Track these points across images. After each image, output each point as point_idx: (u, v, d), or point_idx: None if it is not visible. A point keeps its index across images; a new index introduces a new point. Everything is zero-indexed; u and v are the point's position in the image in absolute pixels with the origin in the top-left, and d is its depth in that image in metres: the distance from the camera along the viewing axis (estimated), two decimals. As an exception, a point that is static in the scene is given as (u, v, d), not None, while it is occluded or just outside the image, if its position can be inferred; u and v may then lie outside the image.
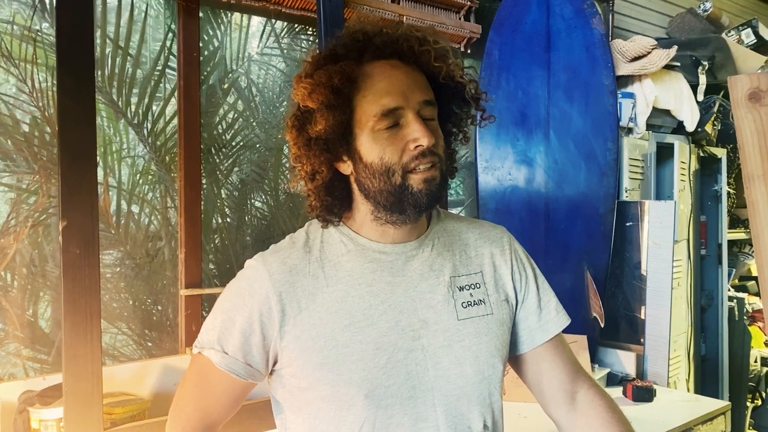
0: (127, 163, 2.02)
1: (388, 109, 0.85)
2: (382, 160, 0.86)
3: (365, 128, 0.87)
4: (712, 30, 3.14)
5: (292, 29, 2.31)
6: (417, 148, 0.86)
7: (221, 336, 0.90)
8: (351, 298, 0.89)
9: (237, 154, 2.23)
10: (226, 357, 0.89)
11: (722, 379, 2.90)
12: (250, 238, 2.26)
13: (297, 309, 0.88)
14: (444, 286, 0.93)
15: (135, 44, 1.97)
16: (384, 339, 0.87)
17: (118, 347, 1.95)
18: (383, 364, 0.86)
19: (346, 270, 0.90)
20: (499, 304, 0.96)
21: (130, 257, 1.97)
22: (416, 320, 0.90)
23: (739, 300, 3.04)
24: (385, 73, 0.87)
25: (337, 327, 0.87)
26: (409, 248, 0.93)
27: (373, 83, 0.87)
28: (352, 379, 0.86)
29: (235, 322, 0.89)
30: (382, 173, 0.86)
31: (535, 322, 1.00)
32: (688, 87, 2.58)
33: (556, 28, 2.29)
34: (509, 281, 0.99)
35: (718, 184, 2.93)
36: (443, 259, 0.95)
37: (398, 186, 0.86)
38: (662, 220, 2.18)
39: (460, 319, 0.92)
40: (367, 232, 0.93)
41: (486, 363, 0.92)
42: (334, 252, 0.92)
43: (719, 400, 2.11)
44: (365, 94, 0.87)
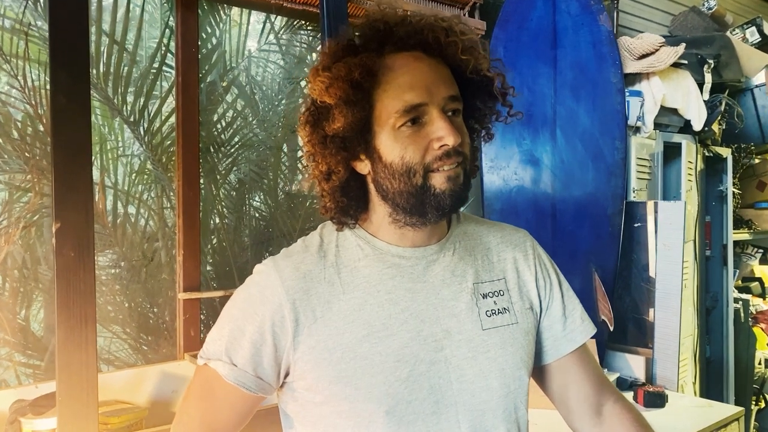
0: (122, 162, 1.97)
1: (412, 105, 0.79)
2: (403, 159, 0.80)
3: (386, 125, 0.81)
4: (716, 28, 3.10)
5: (292, 25, 2.26)
6: (442, 147, 0.80)
7: (229, 347, 0.83)
8: (369, 306, 0.83)
9: (236, 153, 2.17)
10: (235, 369, 0.83)
11: (727, 382, 2.86)
12: (248, 239, 2.21)
13: (312, 318, 0.82)
14: (467, 293, 0.87)
15: (131, 40, 1.91)
16: (405, 350, 0.82)
17: (113, 351, 1.89)
18: (405, 378, 0.81)
19: (364, 276, 0.85)
20: (523, 312, 0.91)
21: (126, 259, 1.92)
22: (439, 330, 0.84)
23: (744, 302, 3.01)
24: (408, 66, 0.81)
25: (355, 337, 0.81)
26: (430, 252, 0.88)
27: (395, 77, 0.81)
28: (371, 394, 0.80)
29: (245, 332, 0.83)
30: (402, 173, 0.80)
31: (560, 330, 0.95)
32: (695, 85, 2.54)
33: (562, 25, 2.24)
34: (533, 288, 0.93)
35: (723, 185, 2.90)
36: (465, 264, 0.89)
37: (419, 187, 0.80)
38: (672, 221, 2.13)
39: (484, 329, 0.86)
40: (385, 235, 0.87)
41: (512, 376, 0.86)
42: (351, 257, 0.86)
43: (733, 405, 2.07)
44: (386, 89, 0.80)
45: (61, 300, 1.27)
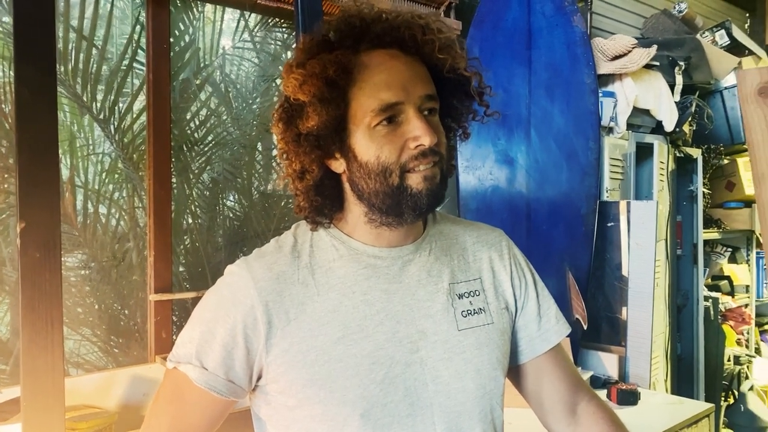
0: (92, 160, 1.92)
1: (388, 104, 0.78)
2: (378, 159, 0.79)
3: (361, 124, 0.79)
4: (686, 31, 3.16)
5: (266, 23, 2.24)
6: (418, 147, 0.79)
7: (200, 350, 0.81)
8: (344, 307, 0.81)
9: (210, 151, 2.14)
10: (206, 373, 0.80)
11: (698, 379, 2.91)
12: (222, 239, 2.18)
13: (285, 320, 0.80)
14: (443, 293, 0.86)
15: (101, 36, 1.87)
16: (380, 352, 0.81)
17: (83, 354, 1.85)
18: (380, 380, 0.80)
19: (339, 277, 0.83)
20: (499, 312, 0.91)
21: (96, 260, 1.87)
22: (414, 331, 0.83)
23: (714, 300, 3.06)
24: (385, 64, 0.80)
25: (330, 339, 0.80)
26: (406, 252, 0.87)
27: (371, 75, 0.79)
28: (346, 397, 0.78)
29: (216, 334, 0.80)
30: (378, 173, 0.79)
31: (535, 330, 0.95)
32: (667, 87, 2.58)
33: (537, 26, 2.26)
34: (509, 288, 0.93)
35: (693, 185, 2.95)
36: (441, 264, 0.89)
37: (396, 187, 0.79)
38: (644, 221, 2.16)
39: (460, 330, 0.86)
40: (361, 235, 0.86)
41: (488, 376, 0.86)
42: (325, 257, 0.85)
43: (703, 402, 2.10)
44: (362, 87, 0.79)
45: (26, 302, 1.23)
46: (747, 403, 3.15)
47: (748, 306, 3.52)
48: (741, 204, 3.34)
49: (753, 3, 4.19)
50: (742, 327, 3.44)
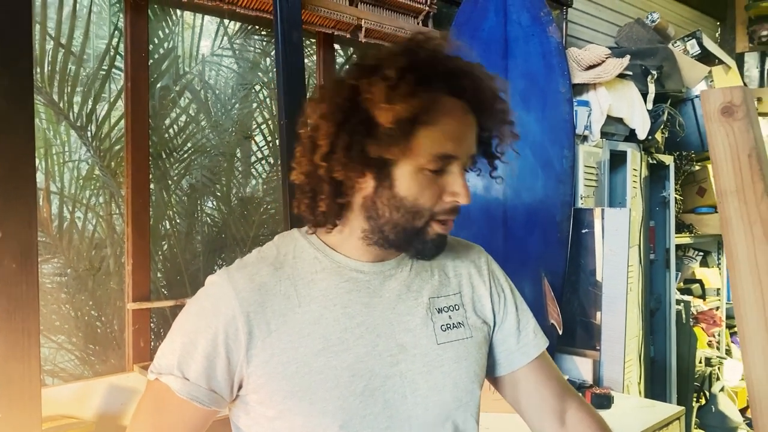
0: (69, 167, 1.91)
1: (448, 155, 0.80)
2: (416, 200, 0.80)
3: (413, 161, 0.80)
4: (659, 40, 3.23)
5: (245, 30, 2.24)
6: (453, 202, 0.82)
7: (182, 361, 0.81)
8: (325, 319, 0.82)
9: (189, 158, 2.14)
10: (188, 384, 0.81)
11: (670, 381, 2.97)
12: (200, 246, 2.17)
13: (266, 331, 0.81)
14: (422, 308, 0.88)
15: (78, 42, 1.86)
16: (360, 365, 0.82)
17: (59, 363, 1.83)
18: (360, 392, 0.81)
19: (321, 289, 0.84)
20: (477, 326, 0.93)
21: (73, 267, 1.86)
22: (394, 345, 0.85)
23: (686, 303, 3.13)
24: (458, 116, 0.82)
25: (311, 351, 0.81)
26: (387, 267, 0.88)
27: (445, 122, 0.80)
28: (326, 409, 0.80)
29: (197, 345, 0.81)
30: (409, 211, 0.81)
31: (514, 344, 0.97)
32: (639, 96, 2.64)
33: (513, 35, 2.29)
34: (488, 303, 0.95)
35: (666, 191, 3.01)
36: (421, 280, 0.91)
37: (417, 229, 0.82)
38: (617, 227, 2.21)
39: (439, 344, 0.87)
40: (347, 248, 0.87)
41: (465, 389, 0.88)
42: (307, 269, 0.85)
43: (674, 405, 2.15)
44: (432, 129, 0.79)
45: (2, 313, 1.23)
46: (718, 404, 3.22)
47: (719, 309, 3.61)
48: (712, 209, 3.43)
49: (723, 13, 4.30)
50: (713, 329, 3.52)
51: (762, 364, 0.81)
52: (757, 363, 0.81)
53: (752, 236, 0.82)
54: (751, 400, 0.82)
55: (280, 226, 2.26)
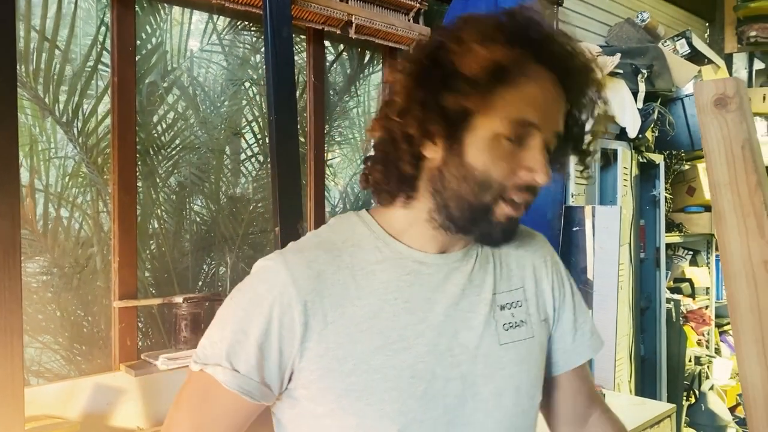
0: (55, 164, 1.88)
1: (527, 120, 0.73)
2: (486, 169, 0.73)
3: (489, 127, 0.73)
4: (649, 40, 3.24)
5: (235, 26, 2.22)
6: (528, 179, 0.74)
7: (231, 351, 0.74)
8: (385, 314, 0.76)
9: (177, 155, 2.11)
10: (238, 376, 0.74)
11: (660, 379, 2.98)
12: (189, 244, 2.15)
13: (323, 323, 0.74)
14: (485, 304, 0.81)
15: (64, 37, 1.83)
16: (421, 365, 0.75)
17: (44, 363, 1.80)
18: (420, 395, 0.75)
19: (381, 281, 0.77)
20: (539, 324, 0.85)
21: (58, 266, 1.83)
22: (456, 344, 0.78)
23: (676, 302, 3.14)
24: (545, 85, 0.75)
25: (369, 348, 0.74)
26: (453, 260, 0.81)
27: (527, 87, 0.74)
28: (383, 411, 0.73)
29: (250, 334, 0.74)
30: (477, 183, 0.73)
31: (570, 343, 0.90)
32: (630, 94, 2.64)
33: (504, 33, 2.28)
34: (550, 298, 0.88)
35: (656, 189, 3.02)
36: (485, 273, 0.82)
37: (483, 205, 0.74)
38: (608, 225, 2.21)
39: (501, 344, 0.80)
40: (410, 237, 0.80)
41: (526, 395, 0.81)
42: (367, 258, 0.78)
43: (665, 403, 2.15)
44: (512, 92, 0.73)
45: (-16, 311, 1.20)
46: (707, 403, 3.23)
47: (708, 307, 3.62)
48: (701, 208, 3.44)
49: (713, 13, 4.32)
50: (703, 328, 3.54)
51: (755, 358, 0.80)
52: (750, 357, 0.80)
53: (745, 229, 0.81)
54: (744, 393, 0.82)
55: (269, 225, 2.24)
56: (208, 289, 2.14)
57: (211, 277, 2.20)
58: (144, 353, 1.74)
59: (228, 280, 2.16)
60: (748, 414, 0.82)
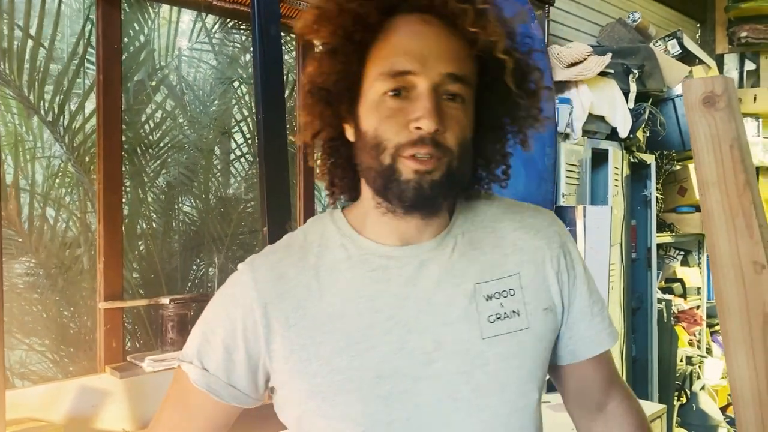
0: (41, 163, 1.85)
1: (397, 70, 0.68)
2: (376, 131, 0.69)
3: (371, 89, 0.70)
4: (640, 40, 3.24)
5: (224, 24, 2.20)
6: (417, 129, 0.67)
7: (201, 349, 0.76)
8: (349, 314, 0.73)
9: (165, 155, 2.09)
10: (206, 375, 0.75)
11: (652, 380, 2.98)
12: (177, 244, 2.13)
13: (285, 325, 0.73)
14: (465, 296, 0.74)
15: (49, 35, 1.81)
16: (387, 365, 0.72)
17: (29, 365, 1.78)
18: (385, 396, 0.71)
19: (346, 280, 0.75)
20: (538, 314, 0.77)
21: (44, 266, 1.81)
22: (429, 341, 0.73)
23: (667, 302, 3.14)
24: (413, 28, 0.70)
25: (332, 349, 0.72)
26: (424, 250, 0.75)
27: (394, 37, 0.70)
28: (347, 413, 0.72)
29: (217, 334, 0.76)
30: (372, 147, 0.69)
31: (583, 331, 0.82)
32: (621, 94, 2.64)
33: (495, 32, 2.27)
34: (555, 283, 0.79)
35: (647, 189, 3.02)
36: (468, 261, 0.76)
37: (386, 167, 0.69)
38: (599, 225, 2.20)
39: (485, 338, 0.74)
40: (372, 228, 0.76)
41: (517, 392, 0.74)
42: (333, 258, 0.76)
43: (655, 403, 2.15)
44: (381, 48, 0.70)
45: (-36, 312, 1.18)
46: (699, 403, 3.23)
47: (699, 308, 3.63)
48: (692, 209, 3.44)
49: (704, 14, 4.34)
50: (694, 328, 3.54)
51: (744, 358, 0.79)
52: (739, 358, 0.80)
53: (734, 228, 0.80)
54: (733, 393, 0.81)
55: (259, 225, 2.22)
56: (197, 289, 2.12)
57: (200, 278, 2.18)
58: (130, 355, 1.72)
59: (217, 281, 2.14)
60: (737, 414, 0.81)
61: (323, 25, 0.70)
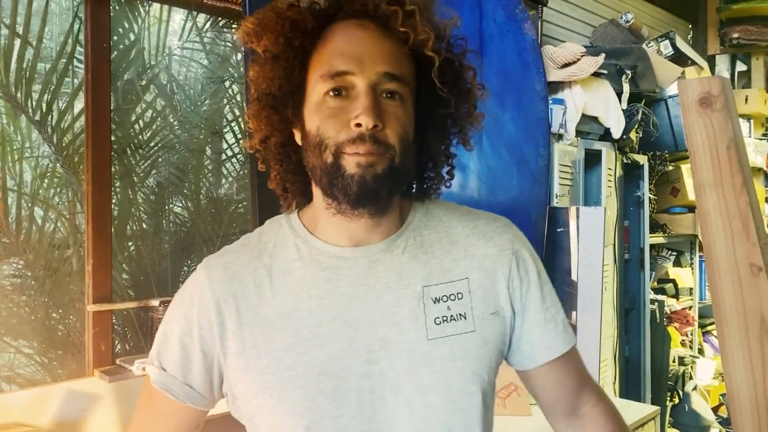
0: (29, 163, 1.83)
1: (336, 71, 0.72)
2: (318, 130, 0.73)
3: (313, 92, 0.74)
4: (633, 41, 3.24)
5: (216, 23, 2.18)
6: (357, 127, 0.71)
7: (160, 350, 0.80)
8: (299, 312, 0.76)
9: (155, 155, 2.07)
10: (163, 374, 0.79)
11: (644, 380, 2.98)
12: (168, 245, 2.11)
13: (238, 323, 0.77)
14: (413, 298, 0.77)
15: (37, 33, 1.78)
16: (333, 363, 0.75)
17: (16, 368, 1.75)
18: (330, 392, 0.74)
19: (296, 279, 0.78)
20: (485, 318, 0.79)
21: (32, 268, 1.78)
22: (375, 339, 0.76)
23: (660, 302, 3.14)
24: (348, 32, 0.74)
25: (281, 346, 0.75)
26: (374, 251, 0.78)
27: (333, 41, 0.74)
28: (293, 408, 0.74)
29: (174, 333, 0.79)
30: (315, 145, 0.73)
31: (539, 336, 0.84)
32: (614, 95, 2.64)
33: (488, 32, 2.27)
34: (504, 289, 0.81)
35: (640, 190, 3.02)
36: (417, 264, 0.79)
37: (330, 165, 0.72)
38: (592, 226, 2.20)
39: (430, 339, 0.76)
40: (323, 231, 0.79)
41: (460, 391, 0.76)
42: (286, 257, 0.79)
43: (649, 405, 2.14)
44: (321, 52, 0.74)
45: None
46: (691, 403, 3.24)
47: (691, 308, 3.63)
48: (685, 209, 3.45)
49: (695, 15, 4.35)
50: (686, 328, 3.55)
51: (740, 361, 0.78)
52: (735, 360, 0.79)
53: (731, 230, 0.79)
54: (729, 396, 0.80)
55: (250, 225, 2.21)
56: (187, 291, 2.10)
57: (190, 279, 2.16)
58: (119, 358, 1.70)
59: (208, 283, 2.11)
60: (733, 417, 0.80)
61: (265, 33, 0.74)
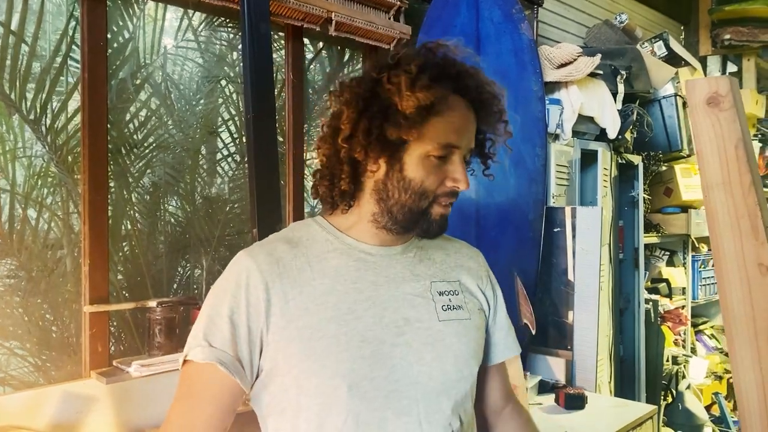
0: (23, 163, 1.80)
1: (450, 144, 0.92)
2: (423, 182, 0.92)
3: (421, 148, 0.92)
4: (627, 41, 3.26)
5: (212, 22, 2.16)
6: (453, 187, 0.94)
7: (207, 330, 0.89)
8: (337, 291, 0.92)
9: (150, 154, 2.05)
10: (214, 350, 0.88)
11: (639, 380, 2.99)
12: (163, 246, 2.09)
13: (284, 300, 0.90)
14: (425, 289, 0.98)
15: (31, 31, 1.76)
16: (369, 333, 0.91)
17: (10, 370, 1.73)
18: (368, 356, 0.89)
19: (332, 266, 0.94)
20: (475, 311, 1.03)
21: (26, 269, 1.76)
22: (399, 317, 0.94)
23: (654, 302, 3.16)
24: (461, 112, 0.94)
25: (324, 318, 0.90)
26: (393, 252, 0.99)
27: (450, 116, 0.93)
28: (337, 370, 0.87)
29: (222, 313, 0.89)
30: (416, 192, 0.93)
31: (502, 338, 1.09)
32: (610, 95, 2.64)
33: (485, 32, 2.27)
34: (482, 295, 1.06)
35: (634, 190, 3.03)
36: (424, 266, 1.01)
37: (422, 210, 0.94)
38: (589, 226, 2.20)
39: (441, 320, 0.97)
40: (357, 232, 0.98)
41: (465, 363, 0.97)
42: (320, 249, 0.96)
43: (646, 404, 2.15)
44: (439, 121, 0.91)
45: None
46: (684, 402, 3.26)
47: (684, 307, 3.66)
48: (678, 209, 3.47)
49: (688, 16, 4.38)
50: (679, 328, 3.57)
51: (749, 363, 0.78)
52: (744, 362, 0.79)
53: (739, 230, 0.79)
54: (738, 397, 0.80)
55: (246, 226, 2.19)
56: (183, 292, 2.08)
57: (186, 280, 2.14)
58: (116, 360, 1.68)
59: (204, 283, 2.10)
60: (741, 419, 0.80)
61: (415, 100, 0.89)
